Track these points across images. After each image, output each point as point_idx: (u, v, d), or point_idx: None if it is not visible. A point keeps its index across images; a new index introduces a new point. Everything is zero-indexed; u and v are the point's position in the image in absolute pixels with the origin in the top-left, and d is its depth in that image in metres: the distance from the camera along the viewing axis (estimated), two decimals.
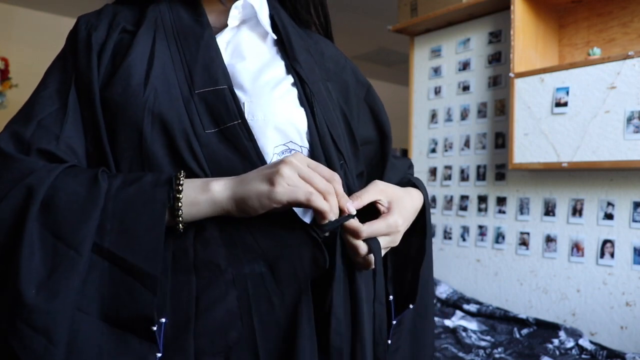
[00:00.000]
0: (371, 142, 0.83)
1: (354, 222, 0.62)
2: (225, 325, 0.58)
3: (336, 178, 0.61)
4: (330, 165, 0.68)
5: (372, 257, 0.64)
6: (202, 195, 0.58)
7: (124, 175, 0.59)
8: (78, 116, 0.64)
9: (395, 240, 0.68)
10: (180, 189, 0.57)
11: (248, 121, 0.65)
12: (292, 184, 0.57)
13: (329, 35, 0.86)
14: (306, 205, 0.57)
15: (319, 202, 0.57)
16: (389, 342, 0.75)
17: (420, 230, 0.76)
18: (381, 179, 0.77)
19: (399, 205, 0.68)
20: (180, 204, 0.57)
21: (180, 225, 0.58)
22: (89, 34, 0.67)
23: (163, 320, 0.57)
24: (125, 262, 0.55)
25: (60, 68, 0.67)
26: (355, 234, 0.62)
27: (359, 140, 0.79)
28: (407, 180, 0.80)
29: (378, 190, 0.68)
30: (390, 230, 0.66)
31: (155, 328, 0.55)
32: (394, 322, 0.76)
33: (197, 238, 0.60)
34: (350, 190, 0.70)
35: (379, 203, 0.67)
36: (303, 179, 0.58)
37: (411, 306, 0.76)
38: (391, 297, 0.77)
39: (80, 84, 0.65)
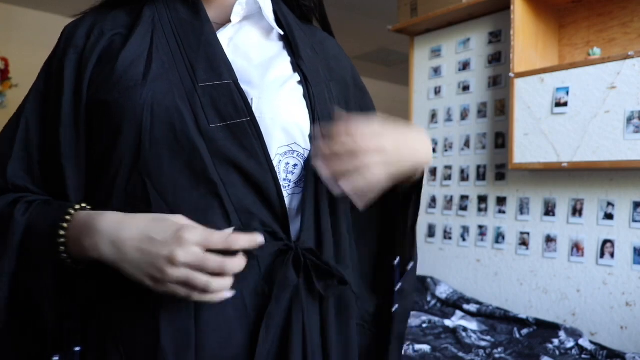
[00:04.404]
0: None
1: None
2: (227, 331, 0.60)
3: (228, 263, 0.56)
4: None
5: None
6: (85, 239, 0.58)
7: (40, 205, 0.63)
8: (35, 138, 0.67)
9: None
10: (65, 225, 0.59)
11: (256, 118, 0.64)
12: (173, 286, 0.55)
13: (326, 24, 0.83)
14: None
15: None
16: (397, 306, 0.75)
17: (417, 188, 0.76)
18: None
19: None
20: (62, 240, 0.59)
21: (69, 261, 0.60)
22: (64, 52, 0.67)
23: (77, 349, 0.60)
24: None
25: (34, 91, 0.69)
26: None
27: None
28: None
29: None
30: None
31: (56, 358, 0.60)
32: (396, 288, 0.77)
33: None
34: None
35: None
36: (186, 281, 0.55)
37: (411, 264, 0.76)
38: (397, 259, 0.77)
39: (48, 109, 0.67)
